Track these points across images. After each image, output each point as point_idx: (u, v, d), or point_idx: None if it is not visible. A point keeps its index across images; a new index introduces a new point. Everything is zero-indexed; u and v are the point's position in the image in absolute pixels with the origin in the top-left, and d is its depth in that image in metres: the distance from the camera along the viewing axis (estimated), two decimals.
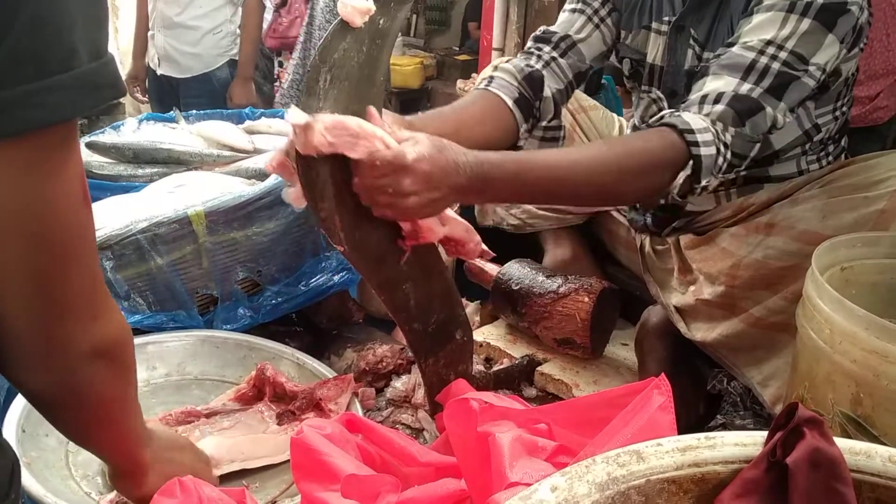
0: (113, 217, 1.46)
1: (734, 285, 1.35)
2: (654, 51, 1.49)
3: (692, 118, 1.19)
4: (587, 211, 1.77)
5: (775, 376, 1.29)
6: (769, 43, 1.21)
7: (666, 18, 1.45)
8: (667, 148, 1.17)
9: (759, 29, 1.23)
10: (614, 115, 1.90)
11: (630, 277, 1.74)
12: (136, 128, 2.30)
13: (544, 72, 1.49)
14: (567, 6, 1.59)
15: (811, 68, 1.22)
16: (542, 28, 1.58)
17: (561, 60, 1.52)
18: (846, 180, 1.26)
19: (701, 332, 1.41)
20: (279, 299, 1.56)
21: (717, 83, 1.23)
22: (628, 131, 1.72)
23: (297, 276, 1.58)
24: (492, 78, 1.46)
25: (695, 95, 1.24)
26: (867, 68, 2.32)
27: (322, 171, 1.08)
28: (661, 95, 1.51)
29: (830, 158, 1.46)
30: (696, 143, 1.17)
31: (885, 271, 1.17)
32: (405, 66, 6.31)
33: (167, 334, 1.43)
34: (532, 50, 1.53)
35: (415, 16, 7.61)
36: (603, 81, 2.37)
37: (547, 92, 1.48)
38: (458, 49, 7.06)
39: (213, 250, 1.45)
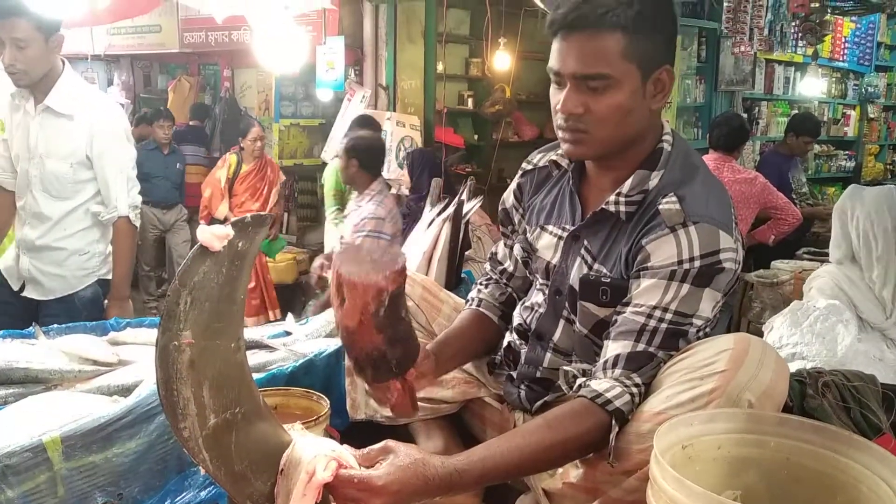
0: None
1: (595, 468, 1.41)
2: (550, 250, 1.63)
3: (598, 384, 1.38)
4: (461, 399, 1.83)
5: None
6: (655, 308, 1.40)
7: (567, 227, 1.59)
8: (587, 417, 1.36)
9: (646, 294, 1.41)
10: None
11: None
12: None
13: (513, 294, 1.81)
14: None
15: (695, 321, 1.40)
16: (493, 250, 1.89)
17: (510, 285, 1.82)
18: (682, 363, 1.37)
19: None
20: None
21: (615, 346, 1.42)
22: None
23: (162, 496, 1.52)
24: (480, 300, 1.81)
25: (599, 362, 1.44)
26: None
27: (184, 389, 1.09)
28: (548, 287, 1.64)
29: None
30: (609, 401, 1.35)
31: (723, 445, 1.26)
32: (279, 262, 6.39)
33: None
34: (492, 275, 1.85)
35: (286, 213, 7.81)
36: None
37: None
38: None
39: (70, 476, 1.38)
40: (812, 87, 8.10)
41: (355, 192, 4.11)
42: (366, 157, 4.01)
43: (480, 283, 1.84)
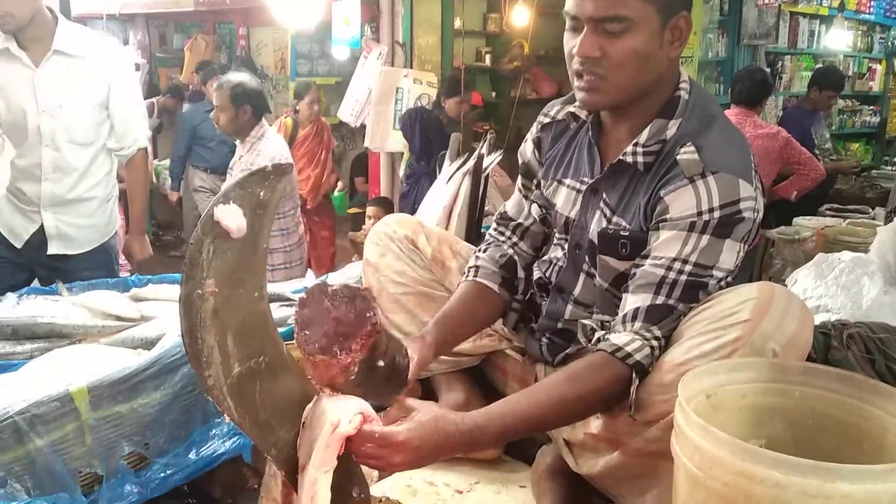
0: None
1: (616, 419, 1.41)
2: (568, 205, 1.60)
3: (618, 337, 1.37)
4: (482, 352, 1.84)
5: (661, 502, 1.34)
6: (675, 259, 1.38)
7: (585, 180, 1.57)
8: (607, 370, 1.35)
9: (665, 246, 1.39)
10: None
11: None
12: (15, 303, 2.23)
13: (515, 256, 1.73)
14: (518, 179, 1.78)
15: (715, 273, 1.38)
16: (500, 209, 1.81)
17: (522, 243, 1.75)
18: (704, 313, 1.36)
19: (587, 466, 1.47)
20: (168, 471, 1.51)
21: (635, 299, 1.40)
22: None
23: (187, 446, 1.54)
24: (478, 268, 1.70)
25: (619, 316, 1.42)
26: None
27: (208, 338, 1.10)
28: (567, 241, 1.62)
29: None
30: (629, 355, 1.34)
31: (747, 395, 1.25)
32: None
33: None
34: (496, 235, 1.78)
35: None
36: None
37: (520, 273, 1.73)
38: (348, 202, 7.25)
39: (97, 426, 1.41)
40: (837, 40, 7.94)
41: (238, 140, 3.90)
42: (258, 102, 3.78)
43: (479, 249, 1.79)
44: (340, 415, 1.19)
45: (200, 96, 6.72)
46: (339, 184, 6.00)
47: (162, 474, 1.50)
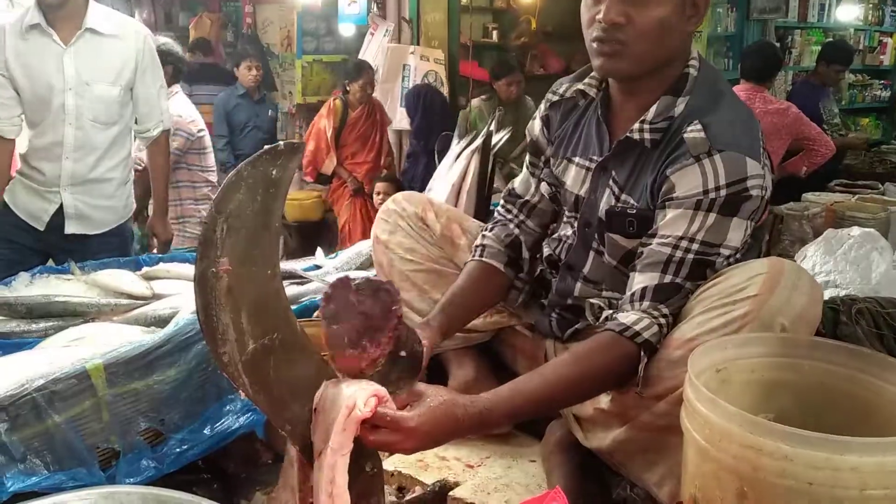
0: (5, 376, 1.43)
1: (625, 394, 1.43)
2: (577, 183, 1.61)
3: (625, 316, 1.38)
4: (492, 329, 1.85)
5: (669, 476, 1.36)
6: (681, 238, 1.38)
7: (594, 157, 1.57)
8: (615, 349, 1.36)
9: (671, 225, 1.40)
10: None
11: None
12: (28, 282, 2.26)
13: (521, 236, 1.73)
14: (527, 156, 1.78)
15: (722, 251, 1.39)
16: (509, 187, 1.82)
17: (529, 221, 1.76)
18: (714, 289, 1.37)
19: (596, 440, 1.48)
20: (184, 447, 1.53)
21: (642, 279, 1.41)
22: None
23: (202, 422, 1.56)
24: (484, 247, 1.71)
25: (626, 295, 1.43)
26: None
27: (223, 315, 1.11)
28: (576, 219, 1.63)
29: None
30: (637, 333, 1.35)
31: (756, 370, 1.27)
32: (304, 199, 6.41)
33: (67, 495, 1.37)
34: (503, 213, 1.79)
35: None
36: None
37: (525, 254, 1.74)
38: None
39: (114, 402, 1.43)
40: (848, 13, 7.86)
41: None
42: (179, 66, 3.86)
43: (486, 228, 1.79)
44: (356, 398, 1.20)
45: (232, 79, 6.30)
46: None
47: (178, 450, 1.52)
